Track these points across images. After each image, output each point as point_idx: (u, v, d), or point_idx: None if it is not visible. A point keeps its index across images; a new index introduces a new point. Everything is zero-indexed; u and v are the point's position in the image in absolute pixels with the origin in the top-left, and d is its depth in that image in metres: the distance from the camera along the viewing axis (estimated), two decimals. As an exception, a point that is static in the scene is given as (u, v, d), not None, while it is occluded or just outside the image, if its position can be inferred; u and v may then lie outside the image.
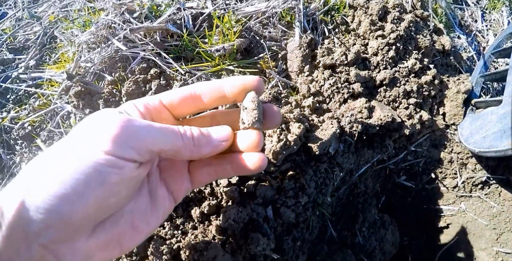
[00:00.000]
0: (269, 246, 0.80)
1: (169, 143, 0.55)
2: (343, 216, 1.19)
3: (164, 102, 0.63)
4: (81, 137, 0.51)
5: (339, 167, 1.00)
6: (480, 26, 1.86)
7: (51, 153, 0.50)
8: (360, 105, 1.07)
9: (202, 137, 0.60)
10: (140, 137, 0.52)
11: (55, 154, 0.49)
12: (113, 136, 0.49)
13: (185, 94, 0.64)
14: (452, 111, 1.29)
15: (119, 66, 1.19)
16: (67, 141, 0.51)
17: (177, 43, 1.20)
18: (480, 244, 1.33)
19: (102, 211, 0.51)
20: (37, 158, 0.50)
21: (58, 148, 0.50)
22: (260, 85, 0.65)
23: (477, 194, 1.32)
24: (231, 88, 0.64)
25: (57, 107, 1.18)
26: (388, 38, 1.21)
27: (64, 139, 0.52)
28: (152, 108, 0.62)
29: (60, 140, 0.53)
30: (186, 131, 0.58)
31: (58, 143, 0.52)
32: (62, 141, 0.52)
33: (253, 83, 0.65)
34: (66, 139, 0.52)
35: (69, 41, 1.36)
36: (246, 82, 0.64)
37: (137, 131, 0.52)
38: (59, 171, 0.46)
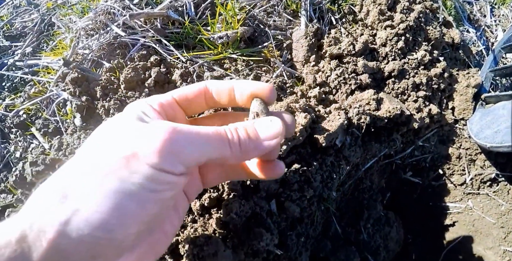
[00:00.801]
0: (272, 241, 0.76)
1: (217, 152, 0.50)
2: (348, 212, 1.15)
3: (178, 98, 0.59)
4: (117, 147, 0.45)
5: (345, 160, 0.96)
6: (489, 21, 1.82)
7: (83, 166, 0.44)
8: (368, 96, 1.02)
9: (250, 142, 0.53)
10: (189, 150, 0.46)
11: (89, 169, 0.43)
12: (160, 148, 0.44)
13: (198, 89, 0.59)
14: (462, 105, 1.24)
15: (118, 53, 1.15)
16: (95, 154, 0.45)
17: (178, 30, 1.16)
18: (487, 243, 1.29)
19: (150, 226, 0.48)
20: (61, 174, 0.44)
21: (90, 165, 0.44)
22: (272, 95, 0.59)
23: (485, 192, 1.28)
24: (240, 96, 0.59)
25: (53, 95, 1.14)
26: (397, 28, 1.16)
27: (91, 149, 0.46)
28: (167, 107, 0.57)
29: (82, 152, 0.46)
30: (233, 135, 0.52)
31: (81, 156, 0.46)
32: (87, 154, 0.46)
33: (265, 92, 0.58)
34: (91, 151, 0.46)
35: (66, 28, 1.32)
36: (257, 90, 0.58)
37: (185, 143, 0.46)
38: (99, 194, 0.41)
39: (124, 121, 0.49)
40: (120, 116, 0.51)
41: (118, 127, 0.48)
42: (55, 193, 0.42)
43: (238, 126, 0.53)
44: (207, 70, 1.06)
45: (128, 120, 0.49)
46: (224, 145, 0.50)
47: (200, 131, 0.48)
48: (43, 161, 0.84)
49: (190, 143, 0.46)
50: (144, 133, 0.45)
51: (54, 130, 1.12)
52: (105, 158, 0.44)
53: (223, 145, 0.50)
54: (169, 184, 0.45)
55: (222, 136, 0.50)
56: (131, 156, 0.43)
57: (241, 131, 0.52)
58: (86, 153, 0.46)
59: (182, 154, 0.46)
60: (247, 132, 0.53)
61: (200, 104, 0.61)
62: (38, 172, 0.85)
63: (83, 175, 0.43)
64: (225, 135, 0.51)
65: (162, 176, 0.44)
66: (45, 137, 1.13)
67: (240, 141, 0.51)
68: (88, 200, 0.41)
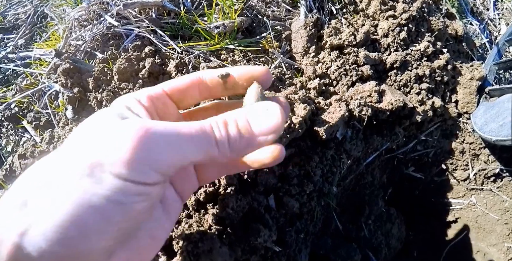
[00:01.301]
0: (270, 237, 0.73)
1: (201, 154, 0.43)
2: (348, 208, 1.12)
3: (168, 91, 0.54)
4: (83, 154, 0.39)
5: (346, 154, 0.93)
6: (492, 15, 1.79)
7: (47, 173, 0.39)
8: (370, 88, 0.99)
9: (241, 140, 0.45)
10: (166, 154, 0.40)
11: (52, 177, 0.38)
12: (128, 156, 0.38)
13: (191, 80, 0.54)
14: (465, 98, 1.21)
15: (111, 44, 1.11)
16: (62, 160, 0.40)
17: (174, 21, 1.12)
18: (490, 240, 1.26)
19: (122, 239, 0.43)
20: (27, 179, 0.40)
21: (54, 171, 0.39)
22: (268, 77, 0.55)
23: (489, 187, 1.25)
24: (234, 82, 0.55)
25: (45, 87, 1.10)
26: (400, 18, 1.13)
27: (60, 153, 0.41)
28: (156, 100, 0.52)
29: (55, 154, 0.41)
30: (221, 132, 0.44)
31: (49, 160, 0.41)
32: (56, 158, 0.41)
33: (260, 74, 0.54)
34: (62, 153, 0.41)
35: (59, 19, 1.28)
36: (252, 73, 0.54)
37: (161, 147, 0.40)
38: (58, 205, 0.36)
39: (102, 120, 0.44)
40: (102, 112, 0.46)
41: (92, 127, 0.43)
42: (17, 199, 0.37)
43: (227, 118, 0.46)
44: (203, 61, 1.03)
45: (106, 118, 0.44)
46: (209, 145, 0.44)
47: (181, 130, 0.42)
48: (32, 154, 0.81)
49: (167, 146, 0.40)
50: (112, 136, 0.40)
51: (46, 123, 1.09)
52: (70, 165, 0.39)
53: (209, 145, 0.44)
54: (140, 196, 0.40)
55: (207, 134, 0.44)
56: (95, 164, 0.38)
57: (231, 126, 0.45)
58: (55, 156, 0.41)
59: (157, 161, 0.40)
60: (237, 127, 0.45)
61: (193, 96, 0.56)
62: (27, 165, 0.81)
63: (46, 183, 0.38)
64: (211, 132, 0.44)
65: (130, 187, 0.39)
66: (36, 130, 1.10)
67: (229, 139, 0.45)
68: (46, 212, 0.36)
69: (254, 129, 0.46)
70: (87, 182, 0.37)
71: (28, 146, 1.04)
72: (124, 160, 0.38)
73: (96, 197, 0.37)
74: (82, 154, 0.39)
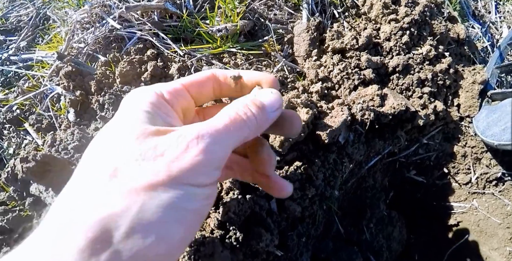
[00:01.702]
0: (272, 242, 0.73)
1: (240, 138, 0.46)
2: (350, 211, 1.12)
3: (187, 86, 0.53)
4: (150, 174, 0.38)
5: (348, 158, 0.92)
6: (494, 18, 1.78)
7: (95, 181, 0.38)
8: (372, 92, 0.99)
9: (263, 115, 0.49)
10: (219, 152, 0.43)
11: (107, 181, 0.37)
12: (197, 163, 0.39)
13: (206, 76, 0.55)
14: (467, 102, 1.21)
15: (113, 46, 1.12)
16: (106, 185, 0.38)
17: (176, 23, 1.12)
18: (492, 244, 1.26)
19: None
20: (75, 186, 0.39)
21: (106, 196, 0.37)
22: (276, 86, 0.56)
23: (490, 191, 1.25)
24: (246, 82, 0.56)
25: (47, 89, 1.10)
26: (402, 22, 1.13)
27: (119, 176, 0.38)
28: (178, 95, 0.51)
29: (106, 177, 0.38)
30: (247, 113, 0.47)
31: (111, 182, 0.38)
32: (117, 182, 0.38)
33: (269, 82, 0.55)
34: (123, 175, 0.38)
35: (62, 21, 1.28)
36: (263, 79, 0.55)
37: (214, 146, 0.42)
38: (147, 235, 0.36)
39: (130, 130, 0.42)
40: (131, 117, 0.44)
41: (132, 140, 0.41)
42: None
43: (246, 102, 0.49)
44: (206, 64, 1.03)
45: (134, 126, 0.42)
46: (244, 128, 0.46)
47: (219, 127, 0.43)
48: (34, 157, 0.81)
49: (217, 144, 0.42)
50: (173, 150, 0.40)
51: (47, 126, 1.09)
52: (140, 183, 0.37)
53: (243, 129, 0.46)
54: (209, 197, 0.43)
55: (238, 120, 0.46)
56: (168, 177, 0.38)
57: (252, 106, 0.48)
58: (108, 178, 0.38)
59: (213, 160, 0.42)
60: (256, 106, 0.49)
61: (208, 93, 0.56)
62: (29, 168, 0.81)
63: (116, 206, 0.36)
64: (240, 118, 0.46)
65: (201, 191, 0.41)
66: (38, 133, 1.10)
67: (256, 117, 0.48)
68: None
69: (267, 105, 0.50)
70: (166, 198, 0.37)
71: (30, 148, 1.04)
72: (191, 167, 0.39)
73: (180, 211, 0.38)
74: (149, 174, 0.38)
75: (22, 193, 1.03)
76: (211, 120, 0.45)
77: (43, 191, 0.89)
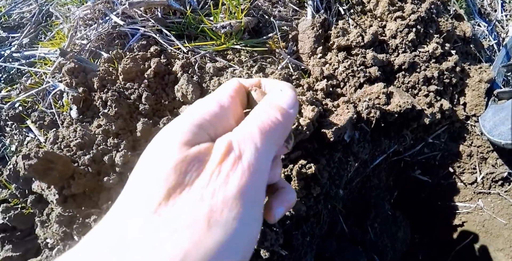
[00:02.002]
0: (277, 241, 0.72)
1: (282, 138, 0.45)
2: (354, 211, 1.11)
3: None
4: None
5: (354, 156, 0.91)
6: (500, 16, 1.77)
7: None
8: (378, 90, 0.98)
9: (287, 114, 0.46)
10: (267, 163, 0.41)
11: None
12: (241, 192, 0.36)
13: (255, 81, 0.53)
14: (474, 101, 1.19)
15: (116, 43, 1.11)
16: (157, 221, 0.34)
17: (179, 20, 1.11)
18: (497, 244, 1.24)
19: None
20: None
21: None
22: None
23: (496, 191, 1.23)
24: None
25: (49, 86, 1.09)
26: (408, 19, 1.11)
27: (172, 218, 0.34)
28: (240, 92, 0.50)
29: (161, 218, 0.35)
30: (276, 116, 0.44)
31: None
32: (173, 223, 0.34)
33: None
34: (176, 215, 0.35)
35: (64, 18, 1.27)
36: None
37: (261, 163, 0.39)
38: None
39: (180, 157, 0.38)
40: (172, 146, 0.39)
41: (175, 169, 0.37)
42: None
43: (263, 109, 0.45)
44: (209, 61, 1.02)
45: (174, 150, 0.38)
46: (276, 133, 0.43)
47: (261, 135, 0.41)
48: (36, 155, 0.80)
49: (262, 155, 0.40)
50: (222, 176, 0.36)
51: (50, 123, 1.08)
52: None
53: (279, 128, 0.43)
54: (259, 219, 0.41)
55: (272, 121, 0.43)
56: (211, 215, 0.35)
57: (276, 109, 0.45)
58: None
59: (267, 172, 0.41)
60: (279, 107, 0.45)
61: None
62: (30, 166, 0.80)
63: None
64: (274, 118, 0.43)
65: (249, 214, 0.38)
66: (40, 130, 1.09)
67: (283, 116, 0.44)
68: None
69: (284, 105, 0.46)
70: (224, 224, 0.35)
71: (32, 146, 1.03)
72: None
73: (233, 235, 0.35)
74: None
75: (24, 191, 1.02)
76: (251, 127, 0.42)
77: (45, 189, 0.88)
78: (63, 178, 0.83)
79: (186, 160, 0.37)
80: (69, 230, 0.86)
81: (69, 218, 0.86)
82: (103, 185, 0.85)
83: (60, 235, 0.86)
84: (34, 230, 0.99)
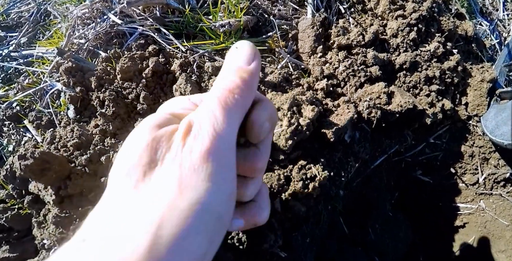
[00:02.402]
0: (276, 243, 0.71)
1: (244, 109, 0.44)
2: (355, 212, 1.10)
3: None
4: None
5: (354, 157, 0.90)
6: (501, 15, 1.75)
7: None
8: (379, 90, 0.96)
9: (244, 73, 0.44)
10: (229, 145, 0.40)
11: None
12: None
13: None
14: (476, 101, 1.18)
15: (114, 42, 1.10)
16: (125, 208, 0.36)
17: (178, 19, 1.10)
18: (499, 246, 1.23)
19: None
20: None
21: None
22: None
23: (498, 192, 1.22)
24: None
25: (47, 85, 1.08)
26: (409, 18, 1.10)
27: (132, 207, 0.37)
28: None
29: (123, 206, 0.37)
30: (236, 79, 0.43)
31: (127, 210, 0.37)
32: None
33: None
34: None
35: (62, 16, 1.26)
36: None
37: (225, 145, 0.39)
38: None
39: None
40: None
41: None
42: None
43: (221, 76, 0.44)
44: (208, 60, 1.01)
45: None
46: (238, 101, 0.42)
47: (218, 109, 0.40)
48: (32, 155, 0.79)
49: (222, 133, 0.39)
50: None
51: (47, 123, 1.07)
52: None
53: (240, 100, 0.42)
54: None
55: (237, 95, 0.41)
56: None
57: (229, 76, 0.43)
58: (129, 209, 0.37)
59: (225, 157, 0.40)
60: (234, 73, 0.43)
61: None
62: (27, 166, 0.79)
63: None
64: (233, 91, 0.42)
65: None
66: (38, 130, 1.08)
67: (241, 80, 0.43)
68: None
69: (240, 63, 0.44)
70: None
71: (29, 146, 1.02)
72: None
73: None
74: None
75: (21, 191, 1.01)
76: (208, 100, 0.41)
77: (42, 189, 0.87)
78: (59, 179, 0.82)
79: (156, 139, 0.39)
80: (65, 231, 0.85)
81: (65, 219, 0.85)
82: (100, 185, 0.83)
83: (56, 236, 0.85)
84: (31, 230, 0.97)
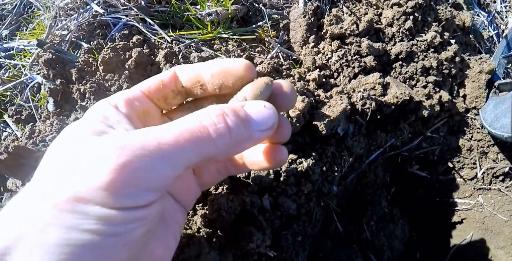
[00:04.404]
0: (264, 242, 0.66)
1: (198, 156, 0.38)
2: (349, 209, 1.06)
3: (146, 92, 0.47)
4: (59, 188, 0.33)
5: (348, 151, 0.86)
6: (499, 7, 1.72)
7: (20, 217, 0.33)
8: (373, 80, 0.92)
9: (243, 130, 0.40)
10: (153, 169, 0.35)
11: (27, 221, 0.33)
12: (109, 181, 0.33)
13: (168, 77, 0.47)
14: (474, 93, 1.14)
15: (98, 33, 1.05)
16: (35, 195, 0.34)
17: (164, 9, 1.05)
18: (498, 242, 1.20)
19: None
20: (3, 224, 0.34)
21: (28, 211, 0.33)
22: (250, 73, 0.46)
23: (497, 187, 1.19)
24: (211, 77, 0.46)
25: (27, 79, 1.04)
26: (405, 6, 1.06)
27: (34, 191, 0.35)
28: (135, 103, 0.45)
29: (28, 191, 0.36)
30: (218, 124, 0.38)
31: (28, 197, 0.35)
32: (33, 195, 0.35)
33: (239, 70, 0.45)
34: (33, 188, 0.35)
35: (45, 8, 1.21)
36: (228, 68, 0.45)
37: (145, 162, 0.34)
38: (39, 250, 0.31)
39: (75, 139, 0.38)
40: (74, 129, 0.40)
41: (65, 151, 0.37)
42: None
43: (223, 108, 0.40)
44: (195, 51, 0.96)
45: (80, 137, 0.38)
46: (207, 145, 0.38)
47: (164, 136, 0.36)
48: (6, 149, 0.75)
49: (151, 160, 0.35)
50: (88, 162, 0.34)
51: (27, 117, 1.03)
52: (45, 201, 0.33)
53: (206, 145, 0.38)
54: (136, 221, 0.35)
55: (200, 132, 0.37)
56: (75, 197, 0.32)
57: (230, 116, 0.39)
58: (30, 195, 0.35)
59: (144, 179, 0.35)
60: (237, 116, 0.39)
61: (172, 95, 0.49)
62: (1, 161, 0.75)
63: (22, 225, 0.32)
64: (204, 130, 0.37)
65: (122, 215, 0.34)
66: (18, 125, 1.03)
67: (230, 132, 0.39)
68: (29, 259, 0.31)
69: (253, 121, 0.41)
70: (71, 220, 0.32)
71: (9, 141, 0.97)
72: (105, 186, 0.33)
73: (85, 234, 0.32)
74: (58, 186, 0.33)
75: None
76: (165, 126, 0.37)
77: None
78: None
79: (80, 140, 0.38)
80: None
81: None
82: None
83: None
84: None
